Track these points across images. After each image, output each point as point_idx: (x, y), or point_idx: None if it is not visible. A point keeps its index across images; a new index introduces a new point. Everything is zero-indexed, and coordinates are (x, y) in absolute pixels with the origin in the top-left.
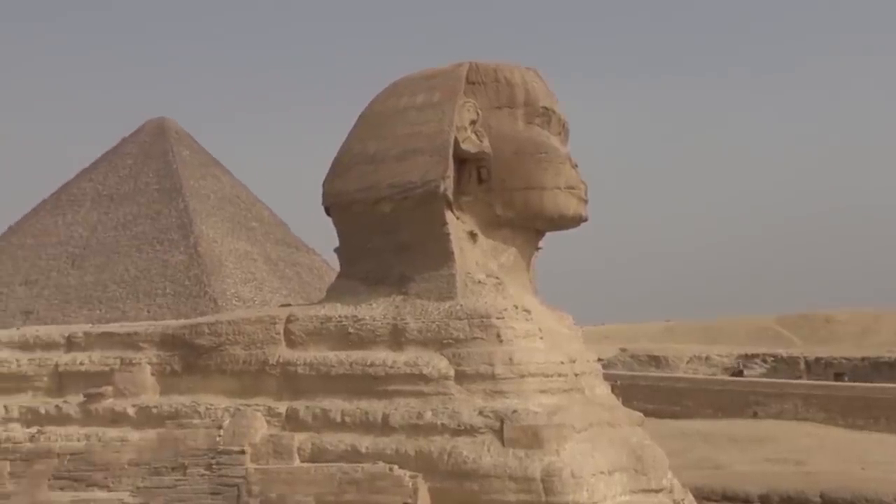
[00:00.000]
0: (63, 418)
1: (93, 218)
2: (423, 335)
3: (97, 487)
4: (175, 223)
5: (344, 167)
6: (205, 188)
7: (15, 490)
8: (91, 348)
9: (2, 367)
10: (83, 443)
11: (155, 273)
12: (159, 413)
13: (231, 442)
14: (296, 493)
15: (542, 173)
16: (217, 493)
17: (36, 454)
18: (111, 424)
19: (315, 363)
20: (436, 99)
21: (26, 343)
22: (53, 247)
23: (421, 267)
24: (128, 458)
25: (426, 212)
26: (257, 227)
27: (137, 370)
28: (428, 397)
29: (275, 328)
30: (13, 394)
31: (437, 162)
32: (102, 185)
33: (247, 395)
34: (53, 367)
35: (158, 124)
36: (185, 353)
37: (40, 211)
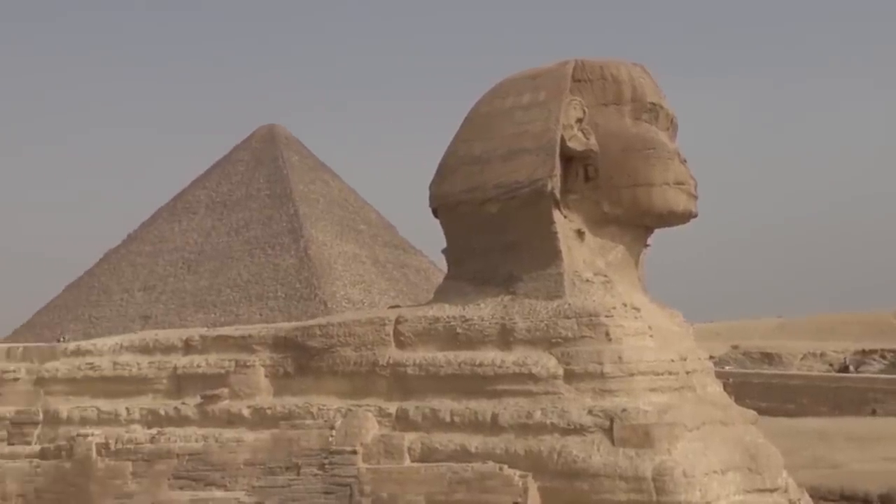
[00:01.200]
0: (182, 419)
1: (207, 224)
2: (532, 334)
3: (214, 487)
4: (286, 227)
5: (450, 169)
6: (314, 192)
7: (137, 489)
8: (207, 351)
9: (124, 370)
10: (201, 443)
11: (267, 276)
12: (273, 414)
13: (343, 442)
14: (406, 493)
15: (650, 169)
16: (330, 492)
17: (156, 454)
18: (227, 425)
19: (424, 364)
20: (542, 98)
21: (146, 347)
22: (170, 253)
23: (528, 266)
24: (243, 458)
25: (533, 211)
26: (365, 230)
27: (252, 372)
28: (537, 397)
29: (384, 329)
30: (134, 396)
31: (544, 161)
32: (216, 192)
33: (358, 395)
34: (172, 370)
35: (268, 131)
36: (298, 354)
37: (157, 219)
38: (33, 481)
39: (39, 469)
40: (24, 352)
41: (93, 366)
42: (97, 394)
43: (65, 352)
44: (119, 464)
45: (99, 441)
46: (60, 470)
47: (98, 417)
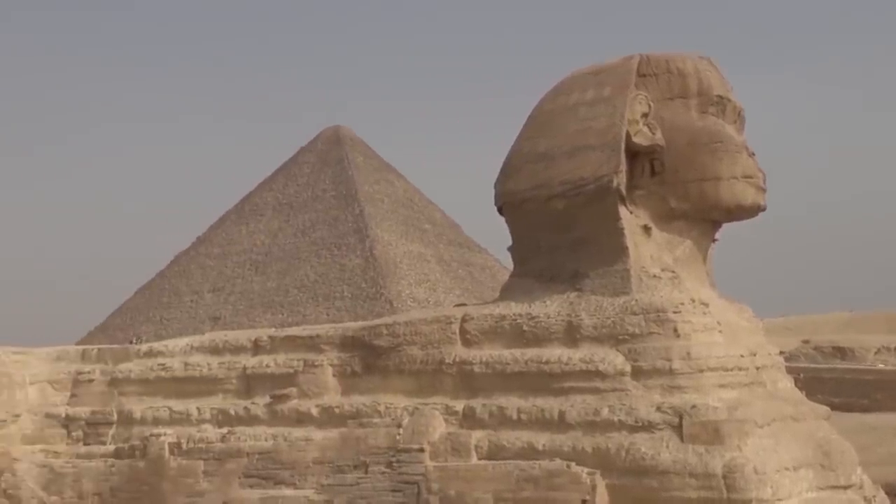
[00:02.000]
0: (251, 419)
1: (274, 226)
2: (599, 331)
3: (284, 485)
4: (351, 228)
5: (515, 167)
6: (379, 192)
7: (208, 488)
8: (276, 351)
9: (194, 370)
10: (270, 442)
11: (333, 277)
12: (341, 413)
13: (410, 440)
14: (474, 491)
15: (717, 163)
16: (398, 490)
17: (227, 454)
18: (296, 424)
19: (491, 361)
20: (606, 93)
21: (216, 347)
22: (238, 255)
23: (595, 263)
24: (312, 456)
25: (599, 207)
26: (430, 229)
27: (320, 371)
28: (604, 394)
29: (451, 328)
30: (205, 396)
31: (609, 157)
32: (282, 194)
33: (424, 394)
34: (242, 370)
35: (334, 132)
36: (365, 354)
37: (225, 221)
38: (108, 480)
39: (114, 468)
40: (98, 353)
41: (164, 367)
42: (169, 394)
43: (137, 353)
44: (191, 463)
45: (171, 441)
46: (134, 469)
47: (170, 417)
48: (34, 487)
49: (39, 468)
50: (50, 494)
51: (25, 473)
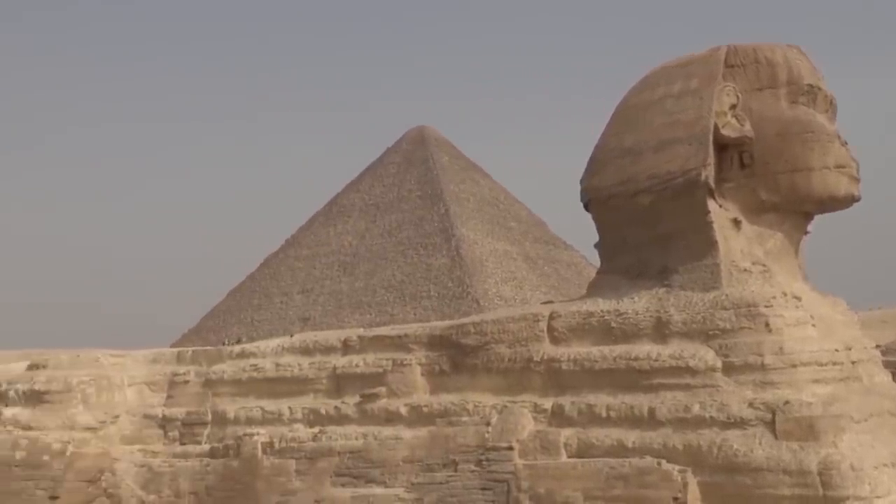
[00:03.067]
0: (342, 418)
1: (361, 227)
2: (688, 327)
3: (375, 483)
4: (437, 227)
5: (601, 162)
6: (464, 192)
7: (301, 486)
8: (365, 351)
9: (286, 371)
10: (361, 441)
11: (420, 276)
12: (430, 412)
13: (499, 439)
14: (564, 489)
15: (808, 153)
16: (487, 488)
17: (318, 452)
18: (386, 423)
19: (579, 359)
20: (693, 86)
21: (306, 348)
22: (326, 256)
23: (684, 258)
24: (402, 455)
25: (687, 201)
26: (516, 227)
27: (408, 371)
28: (695, 390)
29: (538, 325)
30: (296, 396)
31: (697, 150)
32: (368, 195)
33: (513, 392)
34: (332, 370)
35: (418, 133)
36: (453, 352)
37: (314, 223)
38: (204, 479)
39: (209, 467)
40: (192, 355)
41: (256, 367)
42: (261, 394)
43: (230, 354)
44: (283, 462)
45: (264, 440)
46: (229, 468)
47: (262, 417)
48: (133, 486)
49: (138, 468)
50: (148, 493)
51: (125, 473)
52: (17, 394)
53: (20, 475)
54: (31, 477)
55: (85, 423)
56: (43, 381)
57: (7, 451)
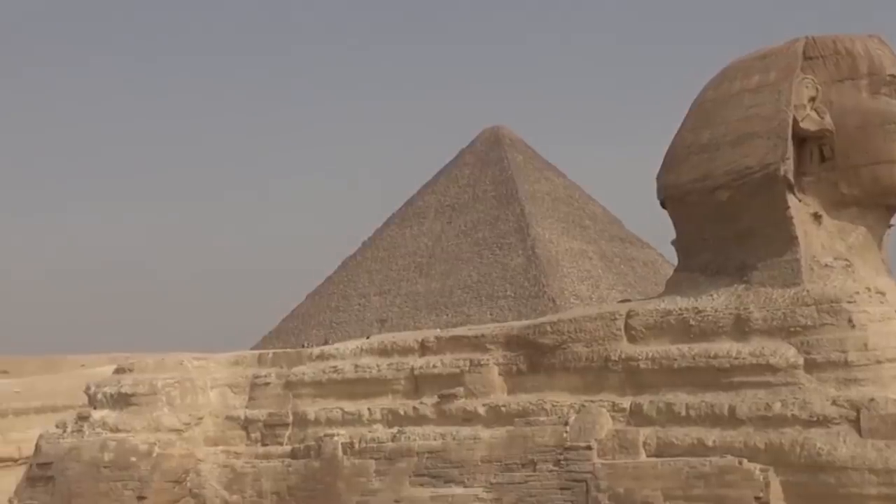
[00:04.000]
0: (420, 418)
1: (437, 228)
2: (769, 324)
3: (454, 483)
4: (512, 227)
5: (677, 159)
6: (539, 191)
7: (380, 486)
8: (442, 352)
9: (364, 372)
10: (439, 441)
11: (496, 276)
12: (508, 411)
13: (577, 438)
14: (643, 488)
15: (891, 145)
16: (566, 488)
17: (398, 453)
18: (464, 423)
19: (657, 357)
20: (771, 79)
21: (385, 349)
22: (403, 258)
23: (763, 254)
24: (480, 455)
25: (766, 196)
26: (591, 226)
27: (486, 371)
28: (776, 388)
29: (615, 324)
30: (375, 397)
31: (776, 144)
32: (444, 196)
33: (590, 391)
34: (410, 371)
35: (493, 133)
36: (530, 352)
37: (389, 225)
38: (286, 480)
39: (291, 468)
40: (273, 358)
41: (336, 369)
42: (341, 395)
43: (310, 356)
44: (363, 462)
45: (344, 441)
46: (310, 468)
47: (342, 418)
48: (217, 486)
49: (221, 468)
50: (231, 493)
51: (209, 473)
52: (105, 397)
53: (109, 476)
54: (120, 478)
55: (170, 424)
56: (130, 385)
57: (96, 452)
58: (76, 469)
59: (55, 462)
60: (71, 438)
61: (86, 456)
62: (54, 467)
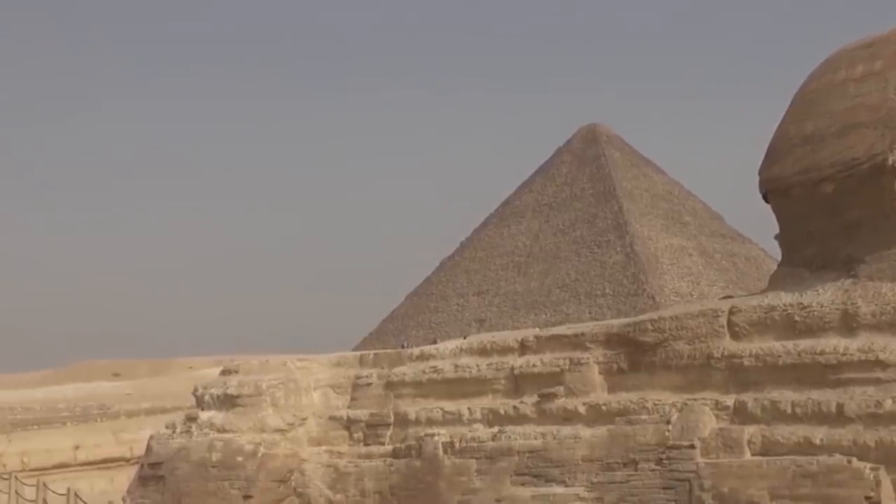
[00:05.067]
0: (520, 418)
1: (534, 227)
2: (878, 319)
3: (555, 483)
4: (611, 224)
5: (780, 151)
6: (637, 188)
7: (481, 486)
8: (542, 351)
9: (464, 372)
10: (540, 441)
11: (594, 275)
12: (608, 410)
13: (680, 437)
14: (748, 487)
15: None
16: (668, 487)
17: (498, 452)
18: (564, 422)
19: (761, 354)
20: (877, 67)
21: (484, 349)
22: (501, 257)
23: (871, 247)
24: (581, 454)
25: (874, 188)
26: (691, 222)
27: (586, 369)
28: (886, 384)
29: (718, 321)
30: (475, 396)
31: (883, 134)
32: (541, 195)
33: (693, 389)
34: (509, 370)
35: (590, 130)
36: (630, 350)
37: (487, 225)
38: (388, 479)
39: (393, 467)
40: (374, 358)
41: (436, 369)
42: (441, 395)
43: (410, 357)
44: (464, 462)
45: (445, 440)
46: (411, 468)
47: (443, 418)
48: (321, 486)
49: (325, 468)
50: (335, 493)
51: (312, 473)
52: (212, 398)
53: (216, 475)
54: (226, 477)
55: (275, 425)
56: (235, 386)
57: (204, 452)
58: (185, 469)
59: (165, 462)
60: (180, 439)
61: (194, 456)
62: (164, 467)
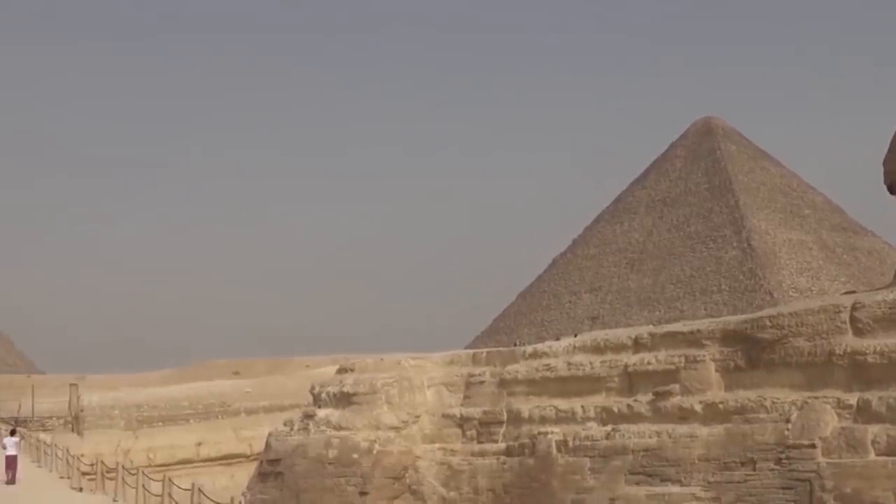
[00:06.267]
0: (634, 416)
1: (648, 223)
2: None
3: (670, 482)
4: (726, 219)
5: None
6: (754, 181)
7: (595, 485)
8: (656, 348)
9: (577, 370)
10: (655, 439)
11: (709, 270)
12: (726, 409)
13: (800, 436)
14: (873, 488)
15: None
16: (788, 487)
17: (612, 451)
18: (679, 421)
19: (887, 351)
20: None
21: (597, 346)
22: (613, 254)
23: None
24: (697, 453)
25: None
26: (811, 215)
27: (702, 367)
28: None
29: (839, 317)
30: (589, 394)
31: None
32: (654, 191)
33: (813, 387)
34: (623, 368)
35: (704, 123)
36: (748, 347)
37: (599, 222)
38: (501, 477)
39: (506, 465)
40: (487, 356)
41: (549, 367)
42: (554, 393)
43: (523, 354)
44: (577, 460)
45: (558, 438)
46: (524, 466)
47: (556, 416)
48: (434, 483)
49: (439, 465)
50: (448, 490)
51: (426, 470)
52: (329, 396)
53: (333, 472)
54: (343, 474)
55: (389, 422)
56: (351, 384)
57: (321, 449)
58: (303, 465)
59: (283, 458)
60: (298, 436)
61: (311, 453)
62: (283, 463)
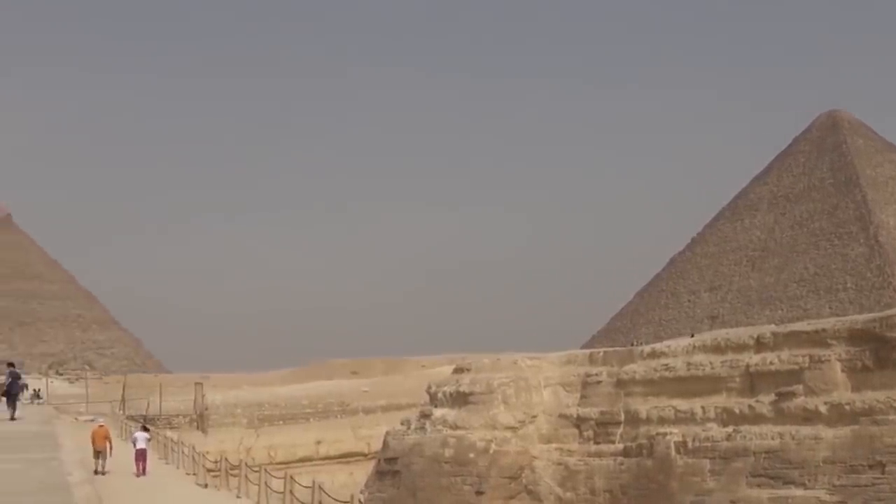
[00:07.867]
0: (756, 417)
1: (769, 220)
2: None
3: (793, 485)
4: (853, 215)
5: None
6: (882, 175)
7: (715, 487)
8: (779, 348)
9: (697, 370)
10: (777, 441)
11: (834, 268)
12: (852, 410)
13: None
14: None
15: None
16: None
17: (733, 452)
18: (803, 422)
19: None
20: None
21: (718, 346)
22: (733, 252)
23: None
24: (822, 455)
25: None
26: None
27: (827, 367)
28: None
29: None
30: (708, 395)
31: None
32: (777, 187)
33: None
34: (744, 368)
35: (829, 117)
36: (876, 347)
37: (719, 220)
38: (618, 478)
39: (623, 466)
40: (604, 356)
41: (667, 367)
42: (673, 394)
43: (641, 354)
44: (697, 461)
45: (677, 440)
46: (642, 467)
47: (675, 417)
48: (551, 483)
49: (555, 465)
50: (565, 490)
51: (543, 470)
52: (445, 395)
53: (449, 471)
54: (459, 473)
55: (506, 422)
56: (467, 384)
57: (438, 448)
58: (420, 464)
59: (400, 457)
60: (414, 435)
61: (428, 452)
62: (400, 462)
